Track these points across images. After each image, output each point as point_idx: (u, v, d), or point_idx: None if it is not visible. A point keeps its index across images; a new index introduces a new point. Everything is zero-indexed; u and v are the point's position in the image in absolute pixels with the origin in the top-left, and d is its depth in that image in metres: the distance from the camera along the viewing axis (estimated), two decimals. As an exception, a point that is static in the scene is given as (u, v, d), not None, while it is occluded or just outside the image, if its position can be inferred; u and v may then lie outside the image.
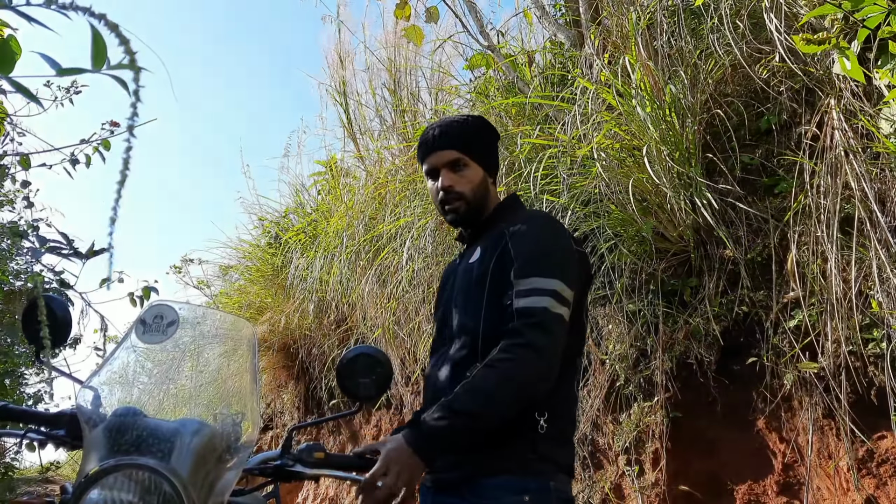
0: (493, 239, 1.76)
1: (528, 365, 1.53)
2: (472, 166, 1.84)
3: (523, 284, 1.60)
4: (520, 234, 1.70)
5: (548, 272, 1.61)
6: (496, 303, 1.65)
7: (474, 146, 1.86)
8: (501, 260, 1.68)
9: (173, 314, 1.40)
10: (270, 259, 7.09)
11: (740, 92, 3.03)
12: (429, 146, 1.86)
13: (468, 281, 1.76)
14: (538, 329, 1.55)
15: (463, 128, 1.87)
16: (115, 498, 1.13)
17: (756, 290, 2.73)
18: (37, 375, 5.61)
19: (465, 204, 1.83)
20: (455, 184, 1.81)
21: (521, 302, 1.58)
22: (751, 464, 2.75)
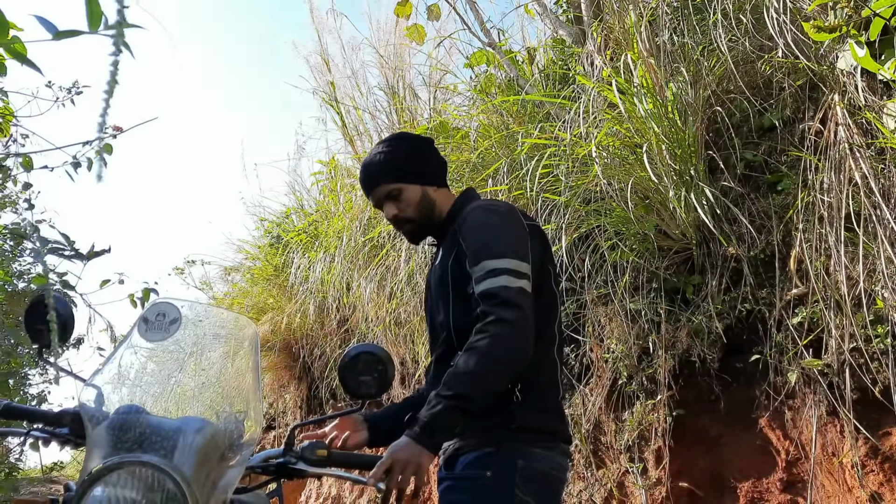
0: (449, 238, 1.90)
1: (502, 339, 1.63)
2: (406, 189, 1.95)
3: (477, 270, 1.72)
4: (465, 228, 1.83)
5: (496, 253, 1.73)
6: (460, 297, 1.79)
7: (402, 170, 1.96)
8: (458, 255, 1.82)
9: (176, 312, 1.40)
10: (272, 259, 7.09)
11: (743, 88, 3.02)
12: (365, 186, 2.01)
13: (436, 282, 1.91)
14: (503, 306, 1.65)
15: (385, 158, 1.98)
16: (118, 495, 1.13)
17: (759, 288, 2.72)
18: (40, 376, 5.62)
19: (413, 224, 1.97)
20: (398, 212, 1.95)
21: (480, 287, 1.69)
22: (754, 461, 2.75)
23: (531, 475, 1.69)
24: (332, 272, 5.34)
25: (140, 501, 1.13)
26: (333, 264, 5.34)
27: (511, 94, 4.13)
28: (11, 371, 4.25)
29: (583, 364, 3.48)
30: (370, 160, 2.01)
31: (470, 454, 1.72)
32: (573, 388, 3.53)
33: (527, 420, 1.73)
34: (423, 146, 2.07)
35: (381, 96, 5.45)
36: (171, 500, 1.13)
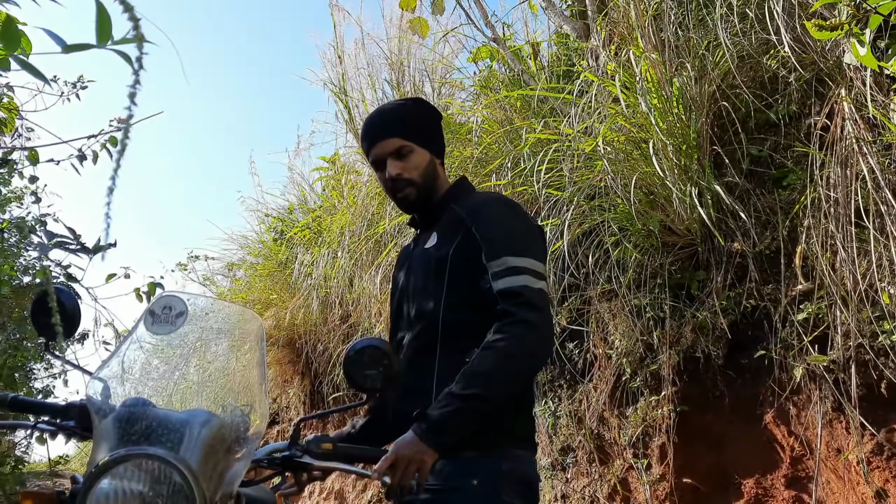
0: (449, 224, 1.78)
1: (524, 341, 1.58)
2: (417, 151, 1.83)
3: (497, 266, 1.64)
4: (482, 218, 1.73)
5: (518, 250, 1.66)
6: (457, 288, 1.70)
7: (417, 130, 1.84)
8: (464, 245, 1.71)
9: (182, 305, 1.40)
10: (275, 255, 7.10)
11: (748, 83, 3.00)
12: (371, 137, 1.84)
13: (425, 268, 1.77)
14: (525, 306, 1.59)
15: (402, 113, 1.86)
16: (125, 488, 1.13)
17: (764, 284, 2.71)
18: (45, 370, 5.64)
19: (416, 189, 1.83)
20: (403, 171, 1.81)
21: (500, 283, 1.62)
22: (759, 458, 2.74)
23: (517, 479, 1.65)
24: (335, 268, 5.35)
25: (147, 494, 1.13)
26: (337, 260, 5.35)
27: (515, 89, 4.12)
28: (17, 365, 4.26)
29: (586, 360, 3.48)
30: (386, 109, 1.88)
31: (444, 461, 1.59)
32: (576, 384, 3.53)
33: (515, 424, 1.69)
34: (439, 117, 1.96)
35: (389, 90, 5.45)
36: (178, 492, 1.14)
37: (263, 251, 7.49)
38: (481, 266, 1.67)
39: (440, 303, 1.71)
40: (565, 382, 3.59)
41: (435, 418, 1.53)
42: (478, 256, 1.68)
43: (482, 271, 1.66)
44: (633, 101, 3.04)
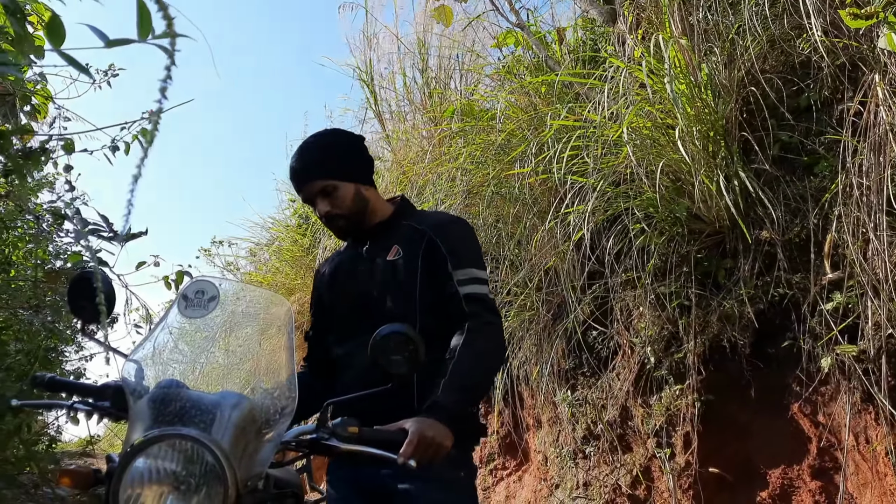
0: (409, 238, 1.96)
1: (497, 339, 1.88)
2: (340, 186, 1.97)
3: (462, 274, 1.87)
4: (449, 234, 1.95)
5: (479, 264, 1.93)
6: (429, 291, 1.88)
7: (336, 168, 1.98)
8: (430, 255, 1.91)
9: (214, 290, 1.42)
10: (299, 240, 7.14)
11: (779, 68, 2.96)
12: (297, 181, 2.00)
13: (394, 274, 1.93)
14: (491, 311, 1.86)
15: (320, 153, 2.01)
16: (159, 467, 1.15)
17: (793, 272, 2.68)
18: (76, 353, 5.73)
19: (346, 220, 1.99)
20: (331, 208, 1.96)
21: (466, 289, 1.85)
22: (785, 448, 2.72)
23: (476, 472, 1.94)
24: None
25: (180, 473, 1.15)
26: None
27: (539, 74, 4.09)
28: (51, 347, 4.34)
29: (609, 349, 3.47)
30: (303, 156, 2.01)
31: None
32: (599, 372, 3.52)
33: (475, 421, 1.95)
34: (356, 144, 2.09)
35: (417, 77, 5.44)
36: (210, 472, 1.15)
37: (288, 236, 7.54)
38: (445, 273, 1.87)
39: (415, 306, 1.88)
40: (588, 370, 3.58)
41: (452, 407, 1.66)
42: (442, 265, 1.88)
43: (446, 278, 1.86)
44: (659, 86, 3.01)
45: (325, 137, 2.06)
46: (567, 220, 3.43)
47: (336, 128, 2.16)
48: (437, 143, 4.86)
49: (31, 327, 3.72)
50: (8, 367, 2.95)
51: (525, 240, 3.80)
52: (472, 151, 4.25)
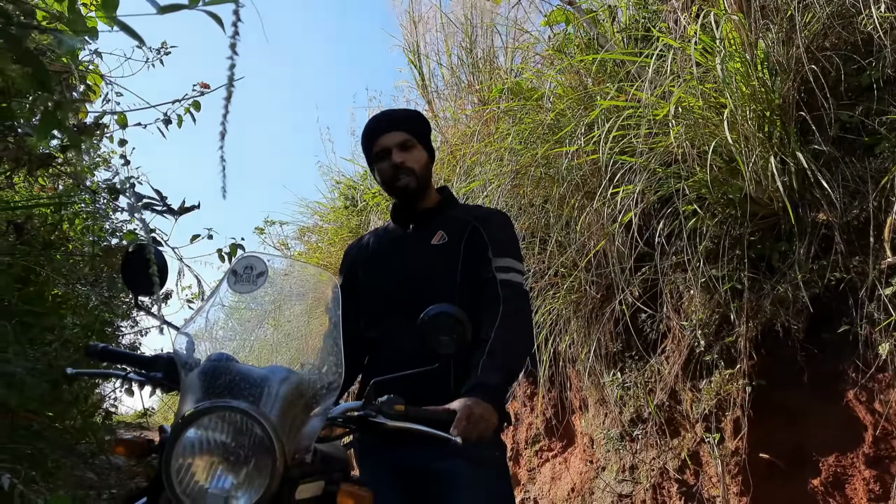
0: (454, 226, 2.03)
1: (528, 327, 1.94)
2: (419, 148, 2.06)
3: (501, 262, 1.93)
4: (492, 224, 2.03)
5: (518, 257, 2.00)
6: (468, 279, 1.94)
7: (420, 131, 2.09)
8: (471, 243, 1.98)
9: (263, 265, 1.45)
10: (347, 221, 7.20)
11: (840, 46, 2.86)
12: (378, 130, 2.07)
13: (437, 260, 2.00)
14: (524, 300, 1.93)
15: (408, 115, 2.13)
16: (209, 438, 1.18)
17: (851, 256, 2.60)
18: (131, 328, 5.91)
19: (416, 180, 2.04)
20: (406, 161, 2.02)
21: (503, 276, 1.91)
22: (839, 435, 2.66)
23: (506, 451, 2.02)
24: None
25: (230, 444, 1.18)
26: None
27: (589, 53, 4.03)
28: (107, 321, 4.48)
29: (658, 332, 3.43)
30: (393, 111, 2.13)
31: None
32: (647, 355, 3.48)
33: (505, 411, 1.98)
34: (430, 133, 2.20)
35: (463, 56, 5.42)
36: (259, 444, 1.18)
37: (335, 217, 7.61)
38: (485, 259, 1.94)
39: (455, 291, 1.94)
40: (636, 353, 3.54)
41: (496, 385, 1.72)
42: (482, 252, 1.95)
43: (485, 263, 1.93)
44: (712, 65, 2.94)
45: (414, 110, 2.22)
46: (616, 200, 3.39)
47: None
48: (485, 123, 4.83)
49: (87, 302, 3.85)
50: (66, 339, 3.06)
51: (573, 221, 3.76)
52: (521, 131, 4.21)
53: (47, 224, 3.62)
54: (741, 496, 2.91)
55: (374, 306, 2.07)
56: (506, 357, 1.76)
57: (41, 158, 2.13)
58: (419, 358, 1.64)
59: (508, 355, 1.78)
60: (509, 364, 1.79)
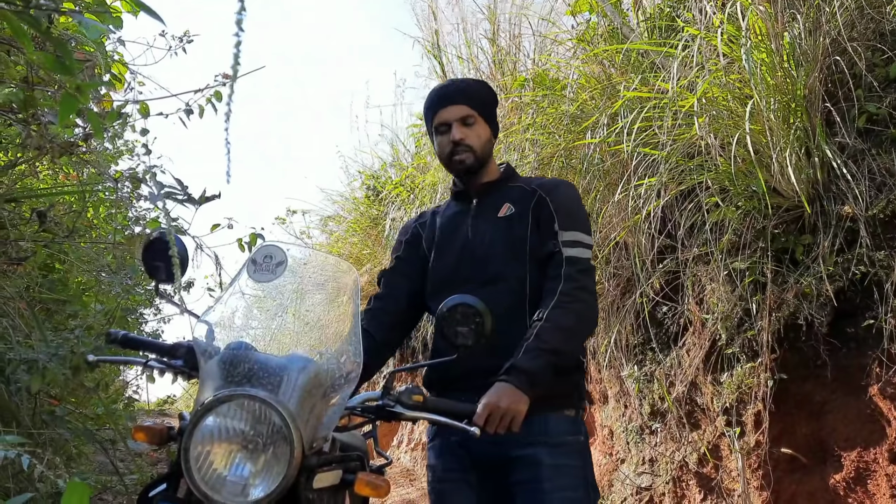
0: (520, 197, 1.96)
1: (589, 305, 1.82)
2: (480, 123, 1.99)
3: (568, 236, 1.84)
4: (559, 194, 1.94)
5: (586, 230, 1.90)
6: (536, 257, 1.87)
7: (483, 106, 2.01)
8: (537, 214, 1.91)
9: (282, 255, 1.45)
10: (367, 211, 7.21)
11: (868, 36, 2.81)
12: (440, 101, 1.99)
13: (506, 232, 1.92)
14: (588, 276, 1.83)
15: (472, 87, 2.03)
16: (228, 425, 1.19)
17: (876, 249, 2.57)
18: (154, 315, 5.98)
19: (474, 157, 1.97)
20: (466, 137, 1.95)
21: (569, 251, 1.82)
22: (861, 430, 2.63)
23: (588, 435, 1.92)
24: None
25: (248, 432, 1.19)
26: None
27: (614, 43, 3.99)
28: (130, 308, 4.54)
29: (679, 325, 3.41)
30: (458, 82, 2.05)
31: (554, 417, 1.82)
32: (668, 348, 3.46)
33: (584, 388, 1.93)
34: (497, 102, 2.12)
35: (483, 46, 5.39)
36: (277, 432, 1.19)
37: (356, 207, 7.63)
38: (551, 231, 1.86)
39: (526, 266, 1.88)
40: (657, 346, 3.52)
41: (532, 370, 1.65)
42: (548, 223, 1.88)
43: (550, 237, 1.86)
44: (738, 55, 2.90)
45: (478, 81, 2.11)
46: (638, 192, 3.36)
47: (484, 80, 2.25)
48: (507, 113, 4.81)
49: (111, 289, 3.90)
50: (89, 326, 3.11)
51: (595, 212, 3.74)
52: (543, 122, 4.19)
53: (71, 212, 3.67)
54: (761, 490, 2.89)
55: (441, 281, 2.00)
56: (553, 339, 1.69)
57: (63, 146, 2.16)
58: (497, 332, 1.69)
59: (557, 338, 1.70)
60: (556, 347, 1.70)
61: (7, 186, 3.00)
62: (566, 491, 1.76)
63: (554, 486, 1.74)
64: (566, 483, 1.76)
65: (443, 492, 1.90)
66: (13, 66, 2.19)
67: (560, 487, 1.75)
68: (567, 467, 1.78)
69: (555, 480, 1.75)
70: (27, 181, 3.62)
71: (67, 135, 2.44)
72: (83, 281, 4.11)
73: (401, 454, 6.50)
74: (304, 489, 1.26)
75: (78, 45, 2.34)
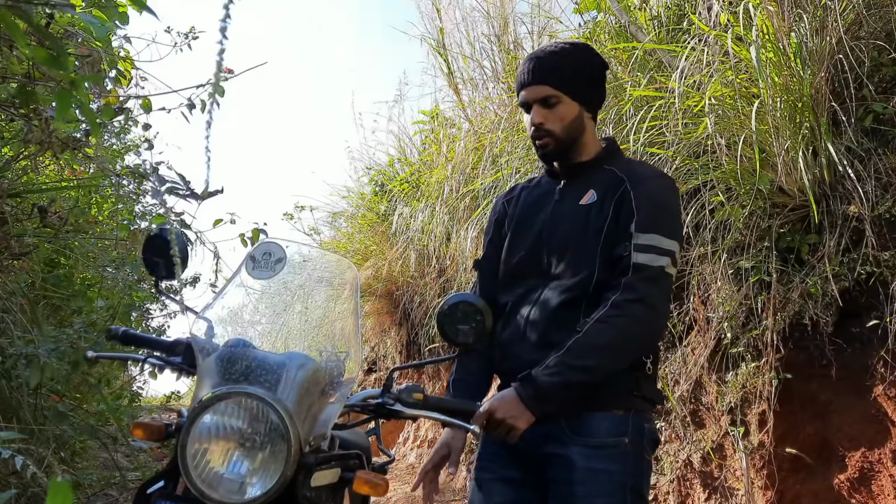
0: (608, 184, 1.74)
1: (642, 322, 1.60)
2: (565, 102, 1.77)
3: (643, 239, 1.62)
4: (646, 188, 1.70)
5: (669, 232, 1.65)
6: (608, 252, 1.68)
7: (569, 81, 1.77)
8: (619, 207, 1.69)
9: (281, 252, 1.45)
10: (375, 207, 7.22)
11: (875, 35, 2.79)
12: (522, 80, 1.81)
13: (581, 225, 1.74)
14: (653, 286, 1.60)
15: (558, 61, 1.78)
16: (225, 423, 1.19)
17: (882, 249, 2.55)
18: (160, 311, 6.00)
19: (554, 141, 1.78)
20: (545, 121, 1.77)
21: (639, 257, 1.61)
22: (866, 430, 2.62)
23: (653, 440, 1.72)
24: (432, 222, 5.39)
25: (245, 430, 1.19)
26: (434, 214, 5.38)
27: (621, 41, 3.98)
28: (134, 305, 4.55)
29: (685, 323, 3.39)
30: (543, 54, 1.81)
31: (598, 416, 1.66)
32: (673, 346, 3.45)
33: (650, 391, 1.72)
34: (600, 68, 1.88)
35: (488, 44, 5.37)
36: (274, 430, 1.19)
37: (364, 203, 7.63)
38: (626, 231, 1.65)
39: (596, 261, 1.69)
40: (662, 344, 3.51)
41: (544, 385, 1.56)
42: (626, 221, 1.66)
43: (624, 237, 1.65)
44: (745, 54, 2.88)
45: (574, 48, 1.85)
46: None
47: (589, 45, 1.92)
48: (513, 111, 4.80)
49: (115, 284, 3.91)
50: (92, 322, 3.12)
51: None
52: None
53: (75, 207, 3.68)
54: (765, 490, 2.88)
55: (510, 269, 1.86)
56: (582, 357, 1.56)
57: (66, 142, 2.16)
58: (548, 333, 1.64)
59: (587, 355, 1.57)
60: (585, 365, 1.56)
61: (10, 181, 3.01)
62: (599, 497, 1.61)
63: (587, 491, 1.61)
64: (600, 489, 1.62)
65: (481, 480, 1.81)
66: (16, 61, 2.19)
67: (593, 493, 1.61)
68: (604, 472, 1.63)
69: (587, 485, 1.61)
70: (30, 176, 3.63)
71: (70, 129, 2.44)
72: (88, 277, 4.13)
73: (406, 451, 6.50)
74: (301, 487, 1.26)
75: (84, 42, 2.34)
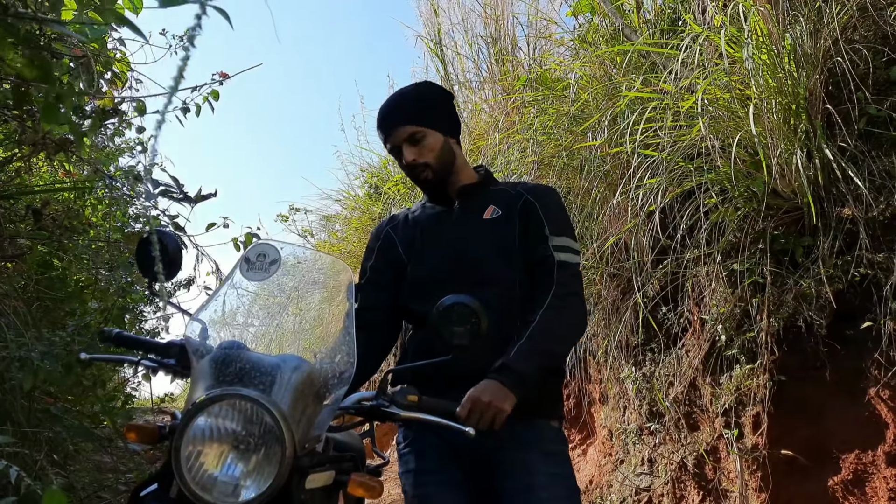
0: (507, 200, 1.95)
1: (580, 311, 1.83)
2: (429, 134, 1.92)
3: (558, 241, 1.85)
4: (548, 200, 1.94)
5: (574, 236, 1.92)
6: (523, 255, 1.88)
7: (425, 114, 1.94)
8: (525, 219, 1.90)
9: (276, 253, 1.45)
10: (369, 209, 7.21)
11: (869, 38, 2.79)
12: (385, 127, 1.95)
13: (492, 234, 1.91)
14: (578, 282, 1.85)
15: (409, 101, 1.97)
16: (219, 425, 1.18)
17: (876, 252, 2.56)
18: (154, 313, 5.97)
19: (432, 171, 1.93)
20: (418, 157, 1.91)
21: (560, 256, 1.83)
22: (860, 433, 2.62)
23: None
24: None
25: (239, 433, 1.19)
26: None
27: (615, 43, 3.98)
28: (127, 307, 4.53)
29: (679, 326, 3.40)
30: (395, 101, 1.97)
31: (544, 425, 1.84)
32: (667, 349, 3.45)
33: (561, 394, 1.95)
34: (449, 97, 2.06)
35: (484, 45, 5.38)
36: (269, 433, 1.18)
37: (358, 205, 7.63)
38: (540, 236, 1.86)
39: (513, 269, 1.87)
40: (656, 347, 3.52)
41: (522, 370, 1.64)
42: (537, 228, 1.87)
43: (540, 241, 1.85)
44: (739, 56, 2.89)
45: (417, 87, 2.03)
46: (638, 193, 3.36)
47: (429, 81, 2.13)
48: (508, 113, 4.80)
49: (109, 286, 3.90)
50: (86, 324, 3.10)
51: (595, 213, 3.73)
52: (545, 122, 4.18)
53: (69, 209, 3.66)
54: (759, 492, 2.88)
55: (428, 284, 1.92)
56: (545, 342, 1.70)
57: (59, 143, 2.15)
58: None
59: (549, 340, 1.72)
60: (548, 349, 1.72)
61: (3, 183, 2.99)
62: (561, 500, 1.77)
63: (550, 496, 1.74)
64: (561, 493, 1.77)
65: (427, 495, 1.83)
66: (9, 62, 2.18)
67: (555, 497, 1.75)
68: (561, 477, 1.79)
69: (550, 490, 1.74)
70: (24, 178, 3.62)
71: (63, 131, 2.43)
72: (82, 279, 4.11)
73: (400, 453, 6.48)
74: (296, 490, 1.25)
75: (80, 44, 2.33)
